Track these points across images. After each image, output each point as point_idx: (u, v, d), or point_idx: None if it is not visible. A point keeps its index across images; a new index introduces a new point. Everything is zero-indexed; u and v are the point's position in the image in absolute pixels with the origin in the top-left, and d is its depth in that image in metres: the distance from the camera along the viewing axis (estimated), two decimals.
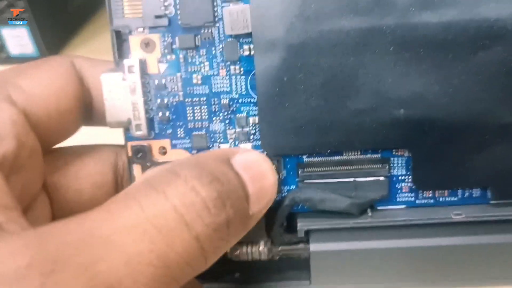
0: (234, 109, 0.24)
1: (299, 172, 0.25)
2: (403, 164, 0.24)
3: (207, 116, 0.25)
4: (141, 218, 0.16)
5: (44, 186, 0.24)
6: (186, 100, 0.24)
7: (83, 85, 0.24)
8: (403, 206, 0.25)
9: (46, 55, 0.50)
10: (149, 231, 0.16)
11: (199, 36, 0.24)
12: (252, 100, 0.24)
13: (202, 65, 0.24)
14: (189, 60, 0.24)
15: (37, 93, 0.22)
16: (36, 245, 0.14)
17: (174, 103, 0.24)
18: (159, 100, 0.24)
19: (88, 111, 0.25)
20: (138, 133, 0.24)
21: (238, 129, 0.25)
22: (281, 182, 0.25)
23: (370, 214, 0.25)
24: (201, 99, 0.24)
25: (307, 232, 0.25)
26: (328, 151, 0.24)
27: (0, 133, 0.20)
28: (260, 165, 0.21)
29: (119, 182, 0.26)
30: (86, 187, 0.25)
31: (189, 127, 0.25)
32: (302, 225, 0.25)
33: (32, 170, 0.22)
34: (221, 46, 0.24)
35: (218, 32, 0.23)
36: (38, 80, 0.22)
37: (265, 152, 0.24)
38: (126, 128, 0.25)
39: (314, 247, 0.25)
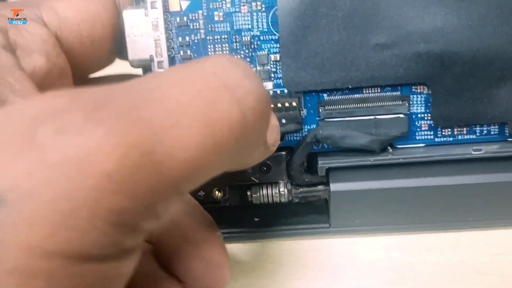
0: (255, 47, 0.25)
1: (319, 110, 0.25)
2: (423, 102, 0.25)
3: (228, 54, 0.25)
4: (182, 76, 0.15)
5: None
6: (208, 38, 0.24)
7: (121, 14, 0.24)
8: (422, 145, 0.25)
9: None
10: (192, 86, 0.15)
11: None
12: (273, 37, 0.24)
13: (223, 2, 0.24)
14: None
15: (71, 17, 0.22)
16: (75, 92, 0.14)
17: (196, 41, 0.25)
18: (180, 39, 0.25)
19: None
20: (160, 71, 0.24)
21: (259, 67, 0.25)
22: (302, 121, 0.25)
23: (390, 151, 0.25)
24: (223, 36, 0.24)
25: (327, 173, 0.25)
26: (350, 86, 0.24)
27: (30, 47, 0.20)
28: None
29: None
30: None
31: None
32: (323, 163, 0.25)
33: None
34: None
35: None
36: (73, 4, 0.22)
37: (286, 89, 0.24)
38: (148, 67, 0.25)
39: (334, 187, 0.25)
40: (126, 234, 0.13)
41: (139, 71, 0.25)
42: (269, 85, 0.25)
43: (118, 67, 0.26)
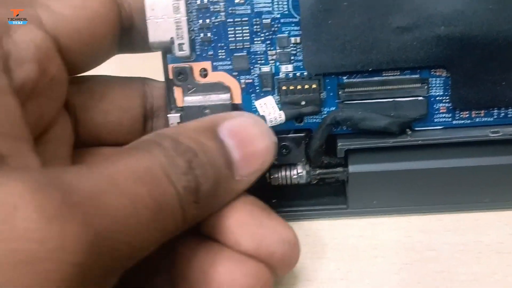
0: (275, 29, 0.25)
1: (339, 93, 0.25)
2: (441, 85, 0.25)
3: (248, 37, 0.25)
4: (137, 167, 0.18)
5: (69, 106, 0.24)
6: (228, 20, 0.25)
7: (122, 9, 0.24)
8: (440, 127, 0.25)
9: None
10: (145, 178, 0.17)
11: None
12: (294, 20, 0.24)
13: None
14: None
15: (68, 14, 0.22)
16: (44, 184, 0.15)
17: (216, 24, 0.25)
18: (200, 21, 0.25)
19: (128, 36, 0.25)
20: (181, 53, 0.24)
21: (279, 50, 0.25)
22: (322, 103, 0.25)
23: (409, 133, 0.25)
24: (243, 19, 0.25)
25: (346, 155, 0.26)
26: (370, 69, 0.24)
27: (22, 56, 0.19)
28: (249, 130, 0.22)
29: (148, 108, 0.26)
30: (112, 108, 0.25)
31: (231, 48, 0.25)
32: (342, 145, 0.25)
33: (53, 97, 0.22)
34: None
35: None
36: (69, 1, 0.22)
37: (307, 72, 0.25)
38: (168, 49, 0.25)
39: (353, 168, 0.26)
40: None
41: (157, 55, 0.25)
42: (289, 67, 0.25)
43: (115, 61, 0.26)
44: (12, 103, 0.18)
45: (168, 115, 0.25)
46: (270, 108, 0.25)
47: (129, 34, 0.25)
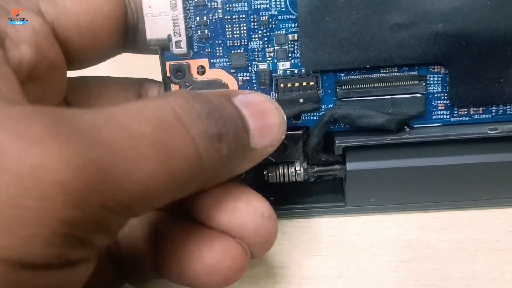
0: (273, 26, 0.25)
1: (337, 90, 0.25)
2: (439, 82, 0.25)
3: (246, 34, 0.25)
4: (144, 109, 0.17)
5: (66, 104, 0.24)
6: (226, 17, 0.25)
7: (128, 7, 0.24)
8: (438, 124, 0.25)
9: None
10: (151, 119, 0.16)
11: None
12: (291, 17, 0.24)
13: None
14: None
15: (69, 6, 0.22)
16: (43, 108, 0.14)
17: (214, 21, 0.25)
18: (198, 18, 0.25)
19: (133, 35, 0.25)
20: (178, 50, 0.24)
21: (276, 47, 0.25)
22: (319, 101, 0.25)
23: (407, 130, 0.25)
24: (240, 16, 0.24)
25: (344, 152, 0.26)
26: (367, 66, 0.24)
27: (20, 37, 0.19)
28: (263, 104, 0.21)
29: None
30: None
31: (228, 45, 0.25)
32: (340, 142, 0.25)
33: (52, 84, 0.22)
34: None
35: None
36: None
37: (304, 69, 0.24)
38: (165, 47, 0.25)
39: (350, 166, 0.26)
40: (73, 246, 0.14)
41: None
42: (286, 64, 0.25)
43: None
44: (7, 70, 0.18)
45: None
46: None
47: (135, 33, 0.25)
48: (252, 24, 0.24)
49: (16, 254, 0.13)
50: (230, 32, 0.25)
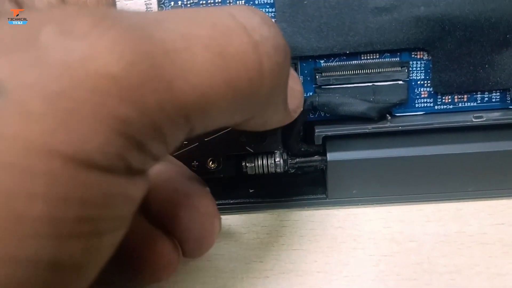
0: None
1: (316, 77, 0.24)
2: (422, 68, 0.24)
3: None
4: (196, 14, 0.15)
5: None
6: (201, 2, 0.24)
7: None
8: (421, 112, 0.24)
9: None
10: (206, 22, 0.14)
11: None
12: (268, 1, 0.23)
13: None
14: None
15: None
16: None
17: (188, 6, 0.24)
18: (172, 3, 0.24)
19: None
20: None
21: None
22: None
23: (389, 119, 0.24)
24: (216, 0, 0.24)
25: (324, 142, 0.25)
26: (347, 52, 0.23)
27: None
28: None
29: None
30: None
31: None
32: (320, 131, 0.24)
33: None
34: None
35: None
36: None
37: None
38: None
39: (331, 156, 0.25)
40: (132, 149, 0.13)
41: None
42: None
43: None
44: None
45: None
46: None
47: None
48: None
49: (76, 150, 0.12)
50: None
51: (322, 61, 0.24)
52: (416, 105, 0.24)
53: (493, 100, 0.24)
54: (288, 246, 0.24)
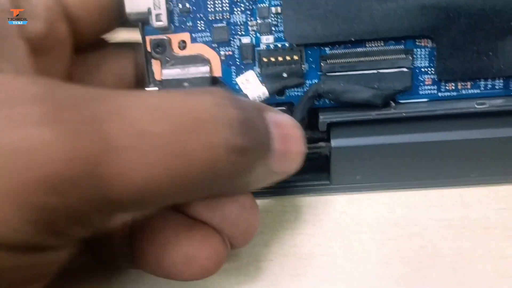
0: None
1: (321, 65, 0.24)
2: (426, 56, 0.24)
3: (228, 7, 0.24)
4: (163, 105, 0.15)
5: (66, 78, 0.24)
6: (208, 1, 0.24)
7: None
8: (425, 99, 0.25)
9: None
10: (173, 116, 0.15)
11: None
12: None
13: None
14: None
15: None
16: (52, 84, 0.14)
17: None
18: None
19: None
20: (159, 23, 0.24)
21: (259, 21, 0.24)
22: (304, 76, 0.25)
23: (393, 105, 0.24)
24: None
25: (328, 129, 0.25)
26: (352, 39, 0.24)
27: (33, 13, 0.20)
28: (292, 129, 0.20)
29: (139, 75, 0.25)
30: (108, 77, 0.24)
31: (210, 19, 0.24)
32: (324, 118, 0.24)
33: (58, 58, 0.22)
34: None
35: None
36: None
37: (288, 43, 0.24)
38: (145, 21, 0.24)
39: (335, 142, 0.25)
40: (48, 234, 0.14)
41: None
42: (270, 38, 0.24)
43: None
44: (20, 43, 0.19)
45: (146, 89, 0.25)
46: (253, 85, 0.24)
47: None
48: None
49: None
50: (212, 6, 0.24)
51: (327, 49, 0.24)
52: (420, 92, 0.25)
53: (497, 87, 0.24)
54: (293, 231, 0.24)
